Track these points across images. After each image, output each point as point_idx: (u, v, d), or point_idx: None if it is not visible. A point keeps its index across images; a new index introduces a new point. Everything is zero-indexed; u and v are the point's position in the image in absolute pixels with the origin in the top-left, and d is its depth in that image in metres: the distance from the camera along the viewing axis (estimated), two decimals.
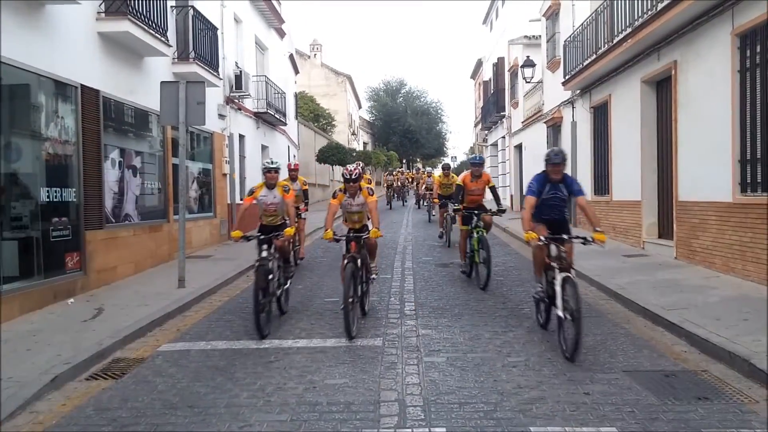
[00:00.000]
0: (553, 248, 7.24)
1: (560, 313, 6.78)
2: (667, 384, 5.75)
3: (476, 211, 11.31)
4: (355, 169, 8.46)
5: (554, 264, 7.15)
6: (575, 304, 6.45)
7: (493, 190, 12.37)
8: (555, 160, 7.51)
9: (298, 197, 13.50)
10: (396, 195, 37.60)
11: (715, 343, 6.57)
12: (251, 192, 9.21)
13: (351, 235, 8.51)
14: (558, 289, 6.88)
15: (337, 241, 8.30)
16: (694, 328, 7.17)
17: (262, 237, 8.60)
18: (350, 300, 7.56)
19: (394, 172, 40.63)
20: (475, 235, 11.07)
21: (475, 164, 11.85)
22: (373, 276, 9.07)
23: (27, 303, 8.97)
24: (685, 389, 5.58)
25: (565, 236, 7.34)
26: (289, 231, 8.78)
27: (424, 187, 26.64)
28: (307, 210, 14.62)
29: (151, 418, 5.30)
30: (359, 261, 8.18)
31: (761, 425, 4.81)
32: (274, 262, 8.59)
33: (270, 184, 9.16)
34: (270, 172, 9.13)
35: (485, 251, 10.78)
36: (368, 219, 8.74)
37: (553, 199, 7.65)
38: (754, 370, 5.77)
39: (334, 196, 8.73)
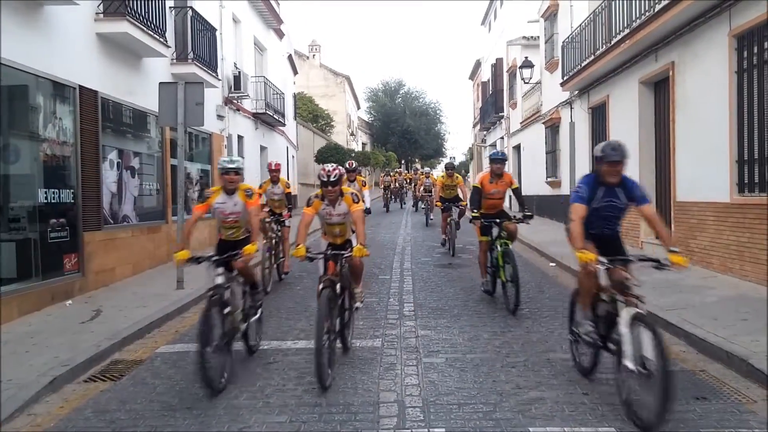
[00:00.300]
0: (612, 273, 5.44)
1: (631, 366, 4.85)
2: None
3: (497, 219, 9.50)
4: (334, 170, 6.73)
5: (616, 296, 5.34)
6: (658, 357, 4.63)
7: (517, 192, 10.48)
8: (613, 157, 5.57)
9: (281, 202, 12.11)
10: (393, 197, 35.94)
11: (713, 343, 6.58)
12: (204, 199, 7.23)
13: (330, 252, 6.90)
14: (625, 331, 4.99)
15: (311, 260, 6.69)
16: (692, 328, 7.18)
17: (216, 258, 6.57)
18: (326, 336, 5.98)
19: (391, 173, 39.35)
20: (498, 248, 9.36)
21: (497, 161, 9.69)
22: (358, 304, 7.47)
23: (25, 305, 8.96)
24: (684, 389, 5.57)
25: (630, 257, 5.66)
26: (250, 248, 6.59)
27: (422, 188, 24.68)
28: (290, 216, 12.16)
29: (150, 420, 5.29)
30: (339, 286, 6.63)
31: (759, 425, 4.81)
32: (236, 289, 6.78)
33: (229, 189, 6.97)
34: (228, 174, 6.86)
35: (512, 267, 8.93)
36: (353, 232, 7.22)
37: (607, 208, 5.88)
38: (752, 370, 5.78)
39: (308, 204, 7.02)
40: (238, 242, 7.05)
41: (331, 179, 6.67)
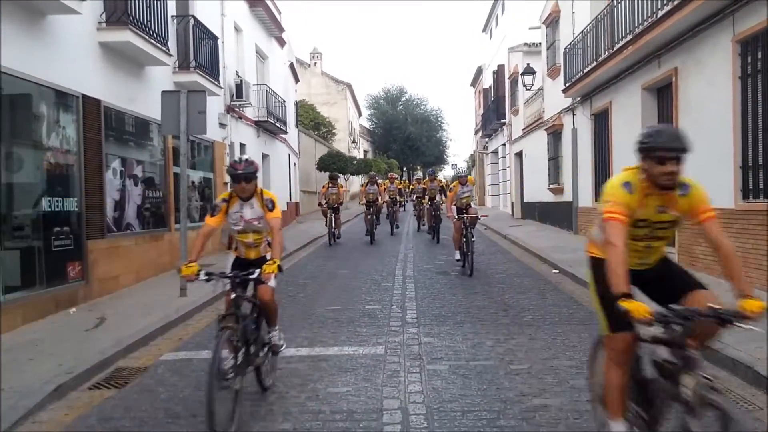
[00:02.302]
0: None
1: None
2: None
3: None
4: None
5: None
6: None
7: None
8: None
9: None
10: (377, 218, 22.95)
11: (717, 350, 6.54)
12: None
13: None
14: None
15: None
16: None
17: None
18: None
19: (379, 181, 25.08)
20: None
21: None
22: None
23: (29, 313, 8.96)
24: None
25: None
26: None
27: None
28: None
29: (154, 427, 5.29)
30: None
31: None
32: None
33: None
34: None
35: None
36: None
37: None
38: (757, 377, 5.75)
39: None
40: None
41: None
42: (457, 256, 13.94)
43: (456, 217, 13.53)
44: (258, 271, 5.36)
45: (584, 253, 4.36)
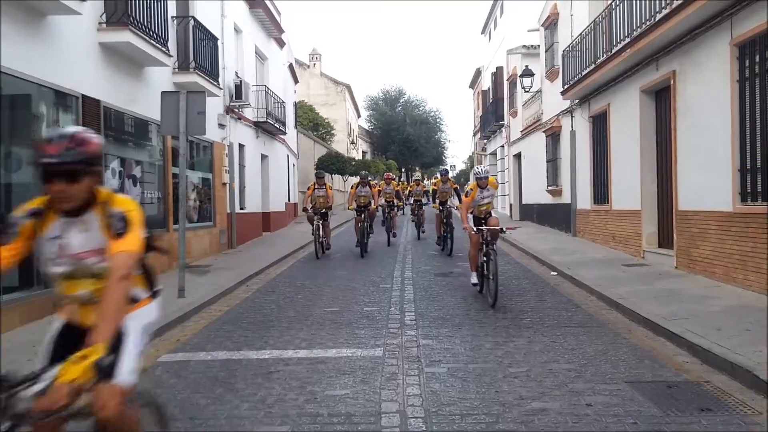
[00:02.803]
0: None
1: None
2: (670, 395, 5.73)
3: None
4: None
5: None
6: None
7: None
8: None
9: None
10: (371, 226, 19.21)
11: (717, 354, 6.55)
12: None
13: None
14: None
15: None
16: (696, 339, 7.15)
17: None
18: None
19: (372, 182, 20.23)
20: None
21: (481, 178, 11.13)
22: None
23: (27, 313, 8.95)
24: (688, 400, 5.56)
25: None
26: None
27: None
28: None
29: (151, 429, 5.27)
30: None
31: None
32: None
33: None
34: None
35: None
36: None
37: None
38: (757, 381, 5.75)
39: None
40: None
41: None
42: (474, 279, 11.11)
43: (474, 229, 10.51)
44: (41, 385, 2.70)
45: (582, 253, 4.68)
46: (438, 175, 21.44)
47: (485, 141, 42.43)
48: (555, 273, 13.27)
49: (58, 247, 3.23)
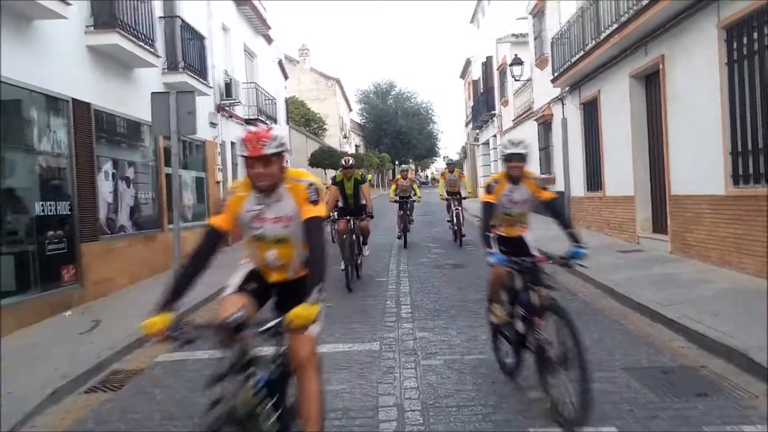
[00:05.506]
0: None
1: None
2: (666, 381, 5.76)
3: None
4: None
5: None
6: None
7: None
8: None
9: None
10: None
11: (713, 339, 6.57)
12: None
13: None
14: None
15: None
16: (692, 324, 7.17)
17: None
18: None
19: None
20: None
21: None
22: None
23: (24, 317, 8.96)
24: (684, 386, 5.59)
25: None
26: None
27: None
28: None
29: (151, 429, 5.31)
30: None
31: (761, 420, 4.81)
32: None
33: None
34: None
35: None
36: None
37: None
38: (753, 365, 5.78)
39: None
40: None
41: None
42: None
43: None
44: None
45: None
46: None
47: (477, 131, 42.43)
48: (550, 261, 13.25)
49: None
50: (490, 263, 5.58)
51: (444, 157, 75.33)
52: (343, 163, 12.26)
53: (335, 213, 12.14)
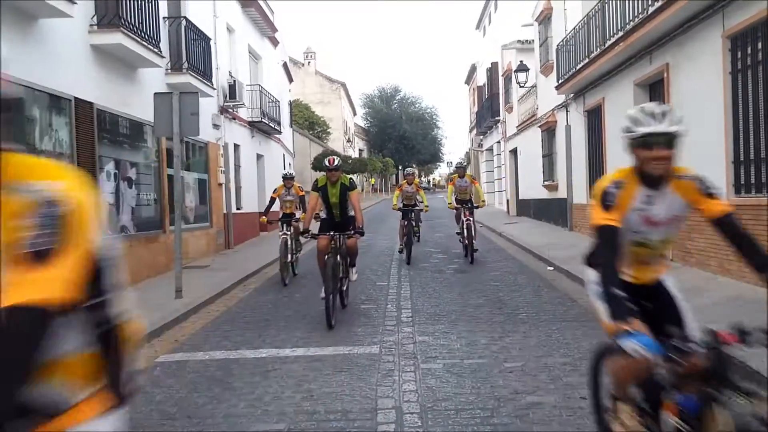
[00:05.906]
0: None
1: None
2: None
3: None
4: None
5: None
6: None
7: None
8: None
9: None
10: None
11: None
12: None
13: None
14: None
15: None
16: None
17: None
18: None
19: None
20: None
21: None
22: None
23: None
24: None
25: None
26: None
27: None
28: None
29: (150, 429, 5.29)
30: None
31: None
32: None
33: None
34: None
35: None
36: None
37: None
38: (751, 372, 5.74)
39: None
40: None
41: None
42: None
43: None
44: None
45: (578, 248, 4.56)
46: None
47: (481, 137, 42.45)
48: (551, 268, 13.28)
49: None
50: (629, 350, 2.83)
51: (448, 163, 75.70)
52: (327, 163, 9.65)
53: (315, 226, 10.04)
